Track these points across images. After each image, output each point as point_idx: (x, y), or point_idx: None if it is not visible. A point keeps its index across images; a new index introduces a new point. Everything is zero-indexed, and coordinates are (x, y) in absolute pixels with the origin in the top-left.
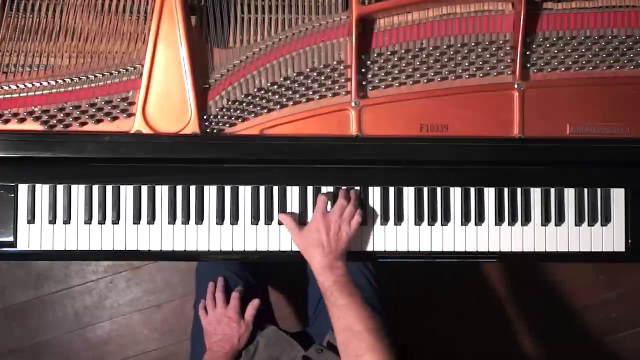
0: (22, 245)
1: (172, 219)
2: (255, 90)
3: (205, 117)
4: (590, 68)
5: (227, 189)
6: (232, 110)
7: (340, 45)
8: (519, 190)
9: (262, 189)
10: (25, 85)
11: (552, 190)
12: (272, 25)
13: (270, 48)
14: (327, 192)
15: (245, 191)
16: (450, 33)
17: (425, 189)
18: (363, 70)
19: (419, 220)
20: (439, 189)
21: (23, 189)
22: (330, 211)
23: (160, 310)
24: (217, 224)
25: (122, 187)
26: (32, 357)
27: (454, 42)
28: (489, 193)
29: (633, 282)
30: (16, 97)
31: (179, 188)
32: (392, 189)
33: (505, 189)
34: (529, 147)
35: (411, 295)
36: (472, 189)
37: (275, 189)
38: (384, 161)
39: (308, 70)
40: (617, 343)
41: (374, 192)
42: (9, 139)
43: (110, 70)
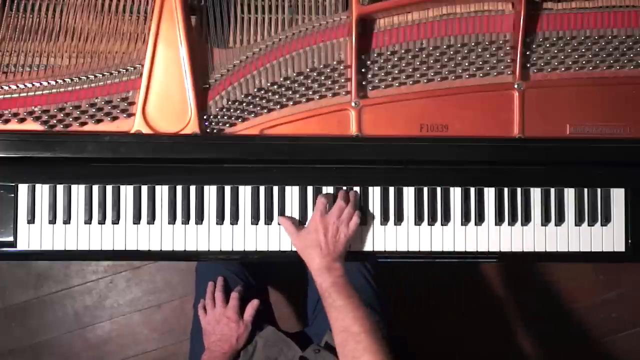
0: (22, 245)
1: (172, 219)
2: (255, 90)
3: (205, 117)
4: (590, 68)
5: (227, 189)
6: (232, 110)
7: (340, 45)
8: (519, 190)
9: (262, 189)
10: (25, 85)
11: (552, 190)
12: (272, 25)
13: (270, 48)
14: (327, 193)
15: (245, 191)
16: (450, 33)
17: (425, 189)
18: (363, 70)
19: (419, 220)
20: (439, 189)
21: (23, 189)
22: (329, 212)
23: (160, 310)
24: (217, 224)
25: (122, 187)
26: (32, 357)
27: (454, 42)
28: (489, 193)
29: (633, 282)
30: (16, 97)
31: (179, 188)
32: (392, 189)
33: (505, 189)
34: (529, 147)
35: (411, 295)
36: (472, 189)
37: (275, 189)
38: (384, 161)
39: (308, 70)
40: (617, 343)
41: (374, 192)
42: (9, 139)
43: (110, 70)
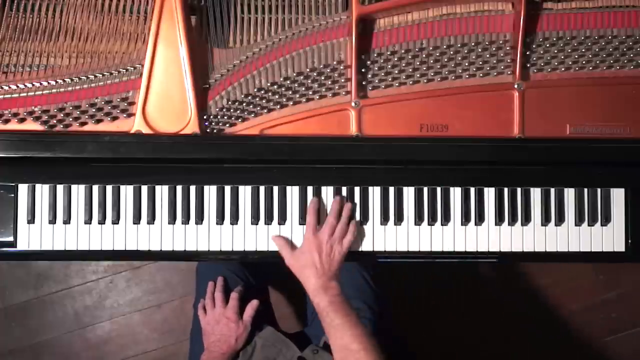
0: (22, 245)
1: (172, 219)
2: (255, 90)
3: (205, 117)
4: (590, 68)
5: (227, 189)
6: (232, 110)
7: (340, 45)
8: (519, 190)
9: (262, 189)
10: (25, 85)
11: (552, 190)
12: (272, 25)
13: (270, 48)
14: (315, 199)
15: (245, 191)
16: (450, 33)
17: (425, 189)
18: (363, 70)
19: (419, 220)
20: (439, 189)
21: (23, 189)
22: (321, 231)
23: (160, 310)
24: (217, 224)
25: (122, 187)
26: (32, 357)
27: (454, 42)
28: (489, 193)
29: (633, 282)
30: (16, 97)
31: (179, 188)
32: (392, 189)
33: (505, 189)
34: (529, 147)
35: (411, 295)
36: (472, 189)
37: (275, 189)
38: (384, 161)
39: (308, 70)
40: (617, 343)
41: (374, 192)
42: (9, 139)
43: (110, 70)
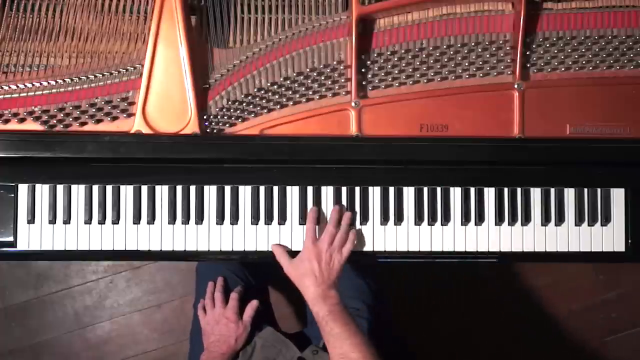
0: (22, 245)
1: (172, 219)
2: (255, 90)
3: (205, 117)
4: (590, 68)
5: (227, 189)
6: (232, 110)
7: (340, 45)
8: (519, 190)
9: (262, 189)
10: (25, 85)
11: (552, 190)
12: (272, 25)
13: (270, 48)
14: (315, 208)
15: (245, 191)
16: (450, 33)
17: (425, 189)
18: (363, 70)
19: (419, 220)
20: (439, 189)
21: (23, 189)
22: (320, 239)
23: (160, 310)
24: (217, 224)
25: (122, 187)
26: (32, 357)
27: (454, 42)
28: (489, 193)
29: (633, 282)
30: (16, 97)
31: (179, 188)
32: (392, 189)
33: (505, 189)
34: (529, 147)
35: (411, 295)
36: (472, 189)
37: (275, 189)
38: (384, 161)
39: (308, 70)
40: (617, 343)
41: (374, 192)
42: (9, 139)
43: (110, 70)
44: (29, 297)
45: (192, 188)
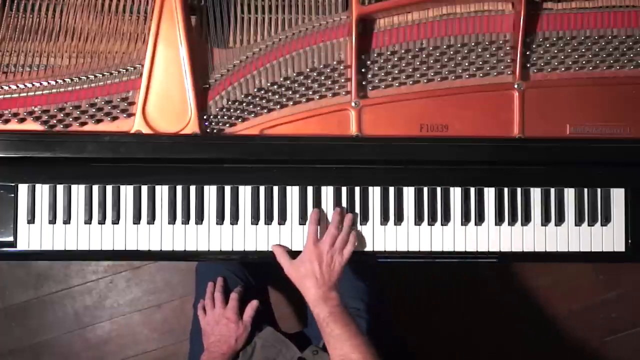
0: (22, 245)
1: (172, 219)
2: (255, 90)
3: (205, 117)
4: (590, 68)
5: (227, 189)
6: (232, 110)
7: (340, 45)
8: (519, 190)
9: (262, 189)
10: (25, 85)
11: (552, 190)
12: (272, 25)
13: (270, 48)
14: (317, 210)
15: (245, 191)
16: (450, 33)
17: (425, 189)
18: (363, 70)
19: (419, 220)
20: (439, 189)
21: (23, 189)
22: (321, 241)
23: (160, 310)
24: (217, 224)
25: (122, 187)
26: (32, 357)
27: (454, 42)
28: (489, 193)
29: (633, 282)
30: (16, 97)
31: (179, 188)
32: (392, 189)
33: (505, 189)
34: (529, 147)
35: (411, 295)
36: (472, 189)
37: (275, 189)
38: (384, 161)
39: (308, 70)
40: (617, 343)
41: (374, 192)
42: (9, 139)
43: (110, 70)
44: (29, 297)
45: (192, 188)
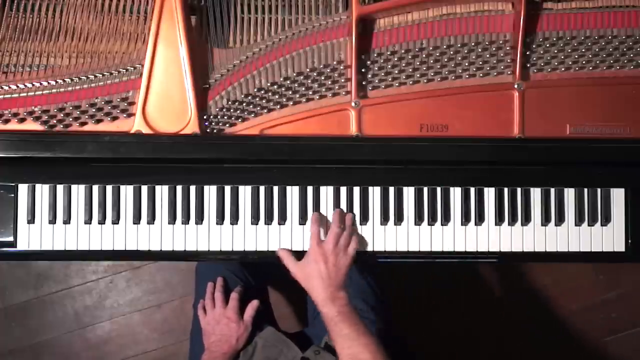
0: (22, 245)
1: (172, 219)
2: (255, 90)
3: (205, 117)
4: (590, 68)
5: (227, 189)
6: (232, 110)
7: (340, 45)
8: (519, 190)
9: (262, 189)
10: (25, 85)
11: (552, 190)
12: (272, 25)
13: (270, 48)
14: (318, 213)
15: (245, 191)
16: (450, 33)
17: (425, 189)
18: (363, 70)
19: (419, 220)
20: (439, 189)
21: (23, 189)
22: (325, 240)
23: (160, 310)
24: (217, 224)
25: (122, 187)
26: (32, 357)
27: (454, 42)
28: (489, 193)
29: (633, 282)
30: (16, 97)
31: (179, 188)
32: (392, 189)
33: (505, 189)
34: (529, 147)
35: (411, 295)
36: (472, 189)
37: (275, 189)
38: (384, 161)
39: (308, 70)
40: (617, 343)
41: (374, 192)
42: (9, 139)
43: (110, 70)
44: (29, 297)
45: (192, 188)
